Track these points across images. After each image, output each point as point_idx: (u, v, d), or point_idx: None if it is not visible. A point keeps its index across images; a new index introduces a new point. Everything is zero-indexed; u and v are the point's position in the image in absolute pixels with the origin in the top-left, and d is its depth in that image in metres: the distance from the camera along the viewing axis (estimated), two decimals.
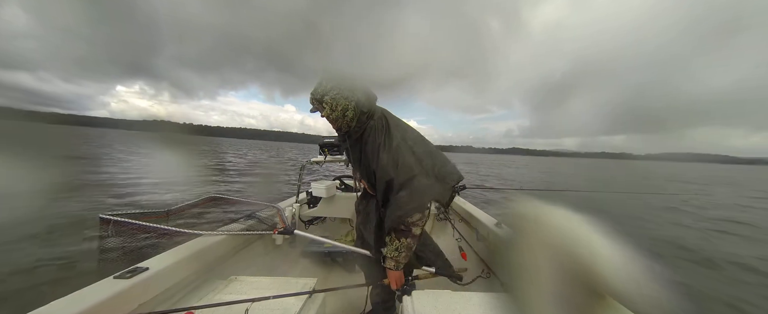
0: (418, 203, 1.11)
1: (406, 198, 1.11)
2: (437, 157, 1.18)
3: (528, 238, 0.46)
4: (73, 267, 2.97)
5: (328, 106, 1.13)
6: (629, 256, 0.38)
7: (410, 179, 1.11)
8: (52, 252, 3.27)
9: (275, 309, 1.12)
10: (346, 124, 1.16)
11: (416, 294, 1.17)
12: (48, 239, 3.64)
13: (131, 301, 1.04)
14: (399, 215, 1.12)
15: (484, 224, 1.85)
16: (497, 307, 0.47)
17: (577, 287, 0.39)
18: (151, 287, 1.12)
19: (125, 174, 8.66)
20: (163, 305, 1.17)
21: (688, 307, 1.58)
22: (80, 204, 5.07)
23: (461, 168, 1.35)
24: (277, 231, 1.72)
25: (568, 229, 0.43)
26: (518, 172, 18.09)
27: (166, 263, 1.20)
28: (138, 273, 1.09)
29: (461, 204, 2.39)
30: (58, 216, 4.31)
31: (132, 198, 5.78)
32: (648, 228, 4.29)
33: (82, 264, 2.88)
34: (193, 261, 1.32)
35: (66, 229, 3.91)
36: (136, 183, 7.40)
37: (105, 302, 0.95)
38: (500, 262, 0.48)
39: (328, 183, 2.21)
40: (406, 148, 1.13)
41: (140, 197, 5.93)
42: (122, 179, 7.67)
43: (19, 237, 3.48)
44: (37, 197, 3.98)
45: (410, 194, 1.11)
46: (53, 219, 4.15)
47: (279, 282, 1.31)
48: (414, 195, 1.11)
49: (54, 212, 4.44)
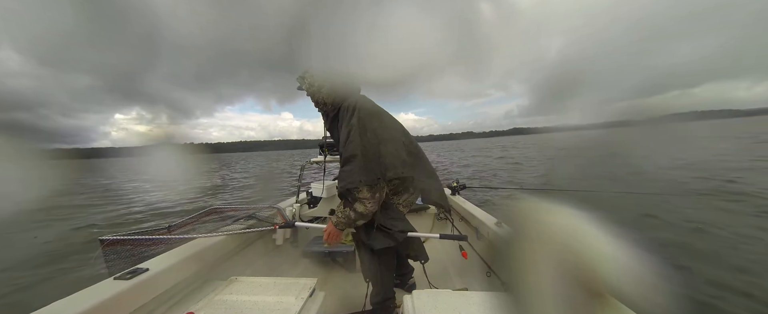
0: (351, 180, 1.23)
1: (345, 173, 1.26)
2: (389, 149, 1.29)
3: (529, 237, 0.45)
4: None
5: (307, 81, 1.36)
6: (631, 255, 0.37)
7: (352, 156, 1.23)
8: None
9: (275, 309, 1.12)
10: (322, 99, 1.36)
11: (416, 293, 1.17)
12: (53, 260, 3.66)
13: (131, 302, 1.04)
14: (341, 185, 1.29)
15: (485, 223, 1.85)
16: (498, 307, 0.47)
17: (578, 286, 0.39)
18: (152, 288, 1.12)
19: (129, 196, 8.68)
20: (163, 306, 1.17)
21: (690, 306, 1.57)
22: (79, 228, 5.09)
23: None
24: (278, 226, 1.72)
25: (569, 228, 0.42)
26: (531, 155, 17.21)
27: (166, 264, 1.20)
28: (138, 274, 1.09)
29: (461, 203, 2.39)
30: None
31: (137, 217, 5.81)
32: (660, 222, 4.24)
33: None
34: (194, 262, 1.32)
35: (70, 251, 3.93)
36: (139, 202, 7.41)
37: (105, 303, 0.95)
38: (501, 261, 0.48)
39: (328, 183, 2.21)
40: (362, 132, 1.25)
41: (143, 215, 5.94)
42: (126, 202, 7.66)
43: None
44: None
45: (350, 170, 1.24)
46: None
47: (279, 283, 1.31)
48: (352, 173, 1.23)
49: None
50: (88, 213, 6.33)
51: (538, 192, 4.03)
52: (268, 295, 1.21)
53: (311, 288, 1.26)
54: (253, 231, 1.70)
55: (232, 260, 1.68)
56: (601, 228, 0.41)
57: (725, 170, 6.55)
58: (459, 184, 2.74)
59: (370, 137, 1.25)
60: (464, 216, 2.29)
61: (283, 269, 2.09)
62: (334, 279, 2.18)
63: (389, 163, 1.26)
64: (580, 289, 0.39)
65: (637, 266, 0.36)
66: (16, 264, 3.45)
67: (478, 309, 1.06)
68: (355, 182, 1.22)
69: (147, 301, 1.09)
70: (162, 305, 1.17)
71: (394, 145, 1.31)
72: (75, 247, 4.05)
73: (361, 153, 1.22)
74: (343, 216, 1.33)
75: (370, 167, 1.21)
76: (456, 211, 2.47)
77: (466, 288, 1.70)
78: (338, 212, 1.37)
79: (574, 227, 0.42)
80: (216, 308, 1.13)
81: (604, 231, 0.40)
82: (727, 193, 5.30)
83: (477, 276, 1.92)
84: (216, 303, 1.16)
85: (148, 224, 5.42)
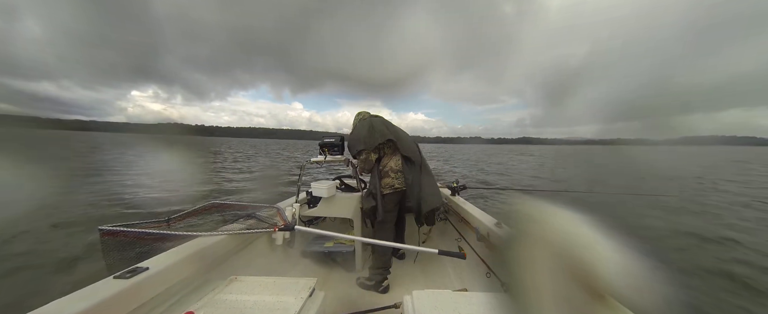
0: (354, 150, 2.15)
1: (352, 151, 2.22)
2: (369, 134, 2.08)
3: (528, 238, 0.46)
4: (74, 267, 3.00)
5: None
6: (629, 256, 0.38)
7: (353, 143, 2.16)
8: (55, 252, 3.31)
9: (275, 309, 1.12)
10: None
11: (416, 293, 1.17)
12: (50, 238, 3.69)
13: (131, 301, 1.04)
14: (351, 153, 2.26)
15: (484, 224, 1.85)
16: (497, 307, 0.47)
17: (577, 287, 0.39)
18: (151, 287, 1.12)
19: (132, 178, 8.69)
20: (163, 305, 1.17)
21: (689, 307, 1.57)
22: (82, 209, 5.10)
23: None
24: (278, 228, 1.72)
25: (569, 229, 0.43)
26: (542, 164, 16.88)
27: (166, 263, 1.20)
28: (138, 273, 1.09)
29: (461, 204, 2.39)
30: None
31: (135, 203, 5.80)
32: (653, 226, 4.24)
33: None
34: (193, 261, 1.32)
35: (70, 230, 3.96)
36: (138, 186, 7.40)
37: (105, 302, 0.95)
38: (500, 262, 0.48)
39: (328, 184, 2.21)
40: (357, 130, 2.18)
41: (142, 202, 5.94)
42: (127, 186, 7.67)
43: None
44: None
45: (354, 147, 2.16)
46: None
47: (279, 282, 1.31)
48: (352, 149, 2.20)
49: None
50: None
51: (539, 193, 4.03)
52: (268, 295, 1.22)
53: (311, 288, 1.26)
54: (254, 231, 1.70)
55: (232, 259, 1.68)
56: (599, 229, 0.41)
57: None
58: (459, 185, 2.74)
59: (365, 128, 2.13)
60: (464, 217, 2.29)
61: (283, 268, 2.09)
62: (334, 279, 2.17)
63: (372, 141, 2.07)
64: (579, 290, 0.39)
65: (636, 267, 0.37)
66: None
67: (478, 310, 1.06)
68: (354, 149, 2.14)
69: (146, 300, 1.09)
70: (162, 304, 1.17)
71: (376, 131, 2.11)
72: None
73: (357, 137, 2.10)
74: (358, 163, 2.19)
75: (363, 140, 2.08)
76: (456, 212, 2.47)
77: (465, 288, 1.70)
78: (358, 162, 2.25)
79: (574, 228, 0.42)
80: (216, 307, 1.13)
81: (602, 232, 0.40)
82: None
83: (477, 277, 1.92)
84: (216, 303, 1.16)
85: (147, 211, 5.47)
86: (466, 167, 15.99)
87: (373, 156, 2.08)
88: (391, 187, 2.07)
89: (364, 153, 2.07)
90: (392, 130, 2.13)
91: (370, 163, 2.09)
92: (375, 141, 2.06)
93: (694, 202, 5.86)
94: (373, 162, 2.09)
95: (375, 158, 2.09)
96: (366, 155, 2.07)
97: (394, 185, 2.07)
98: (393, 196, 2.08)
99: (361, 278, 2.10)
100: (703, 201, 6.14)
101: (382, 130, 2.09)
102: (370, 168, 2.11)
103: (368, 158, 2.08)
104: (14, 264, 3.03)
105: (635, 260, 0.37)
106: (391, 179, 2.07)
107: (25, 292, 2.60)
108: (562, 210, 0.45)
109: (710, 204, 5.89)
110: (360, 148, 2.07)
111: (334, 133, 2.54)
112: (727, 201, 6.35)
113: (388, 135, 2.08)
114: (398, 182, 2.07)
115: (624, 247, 0.38)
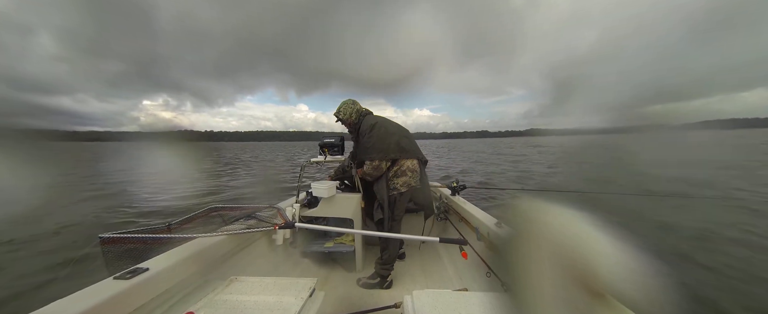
0: (367, 156, 2.12)
1: (363, 156, 2.16)
2: (384, 143, 2.11)
3: (529, 238, 0.46)
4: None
5: (342, 112, 2.23)
6: (630, 255, 0.38)
7: (367, 148, 2.12)
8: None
9: (275, 309, 1.12)
10: (351, 122, 2.23)
11: (416, 293, 1.17)
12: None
13: (131, 302, 1.04)
14: (360, 159, 2.20)
15: (485, 224, 1.85)
16: (498, 307, 0.47)
17: (578, 286, 0.39)
18: (151, 288, 1.12)
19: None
20: (163, 306, 1.17)
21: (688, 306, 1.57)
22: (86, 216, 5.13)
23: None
24: (278, 226, 1.72)
25: (569, 229, 0.43)
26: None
27: (166, 264, 1.20)
28: (138, 274, 1.09)
29: (461, 203, 2.38)
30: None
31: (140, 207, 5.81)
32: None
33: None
34: (193, 261, 1.32)
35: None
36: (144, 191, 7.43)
37: (105, 303, 0.95)
38: (500, 262, 0.48)
39: (328, 184, 2.21)
40: (370, 136, 2.13)
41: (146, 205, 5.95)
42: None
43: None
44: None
45: (367, 151, 2.12)
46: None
47: (279, 283, 1.31)
48: (369, 151, 2.12)
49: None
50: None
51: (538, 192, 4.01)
52: (268, 295, 1.21)
53: (311, 288, 1.26)
54: (254, 231, 1.70)
55: (232, 260, 1.68)
56: (599, 228, 0.41)
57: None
58: (459, 184, 2.74)
59: (375, 140, 2.12)
60: (464, 217, 2.29)
61: (283, 269, 2.09)
62: (334, 279, 2.17)
63: (383, 149, 2.10)
64: (579, 290, 0.39)
65: (636, 266, 0.37)
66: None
67: (478, 310, 1.06)
68: (367, 157, 2.11)
69: (147, 301, 1.09)
70: (162, 305, 1.17)
71: (392, 140, 2.14)
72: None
73: (373, 145, 2.09)
74: (367, 169, 2.14)
75: (372, 153, 2.09)
76: (456, 212, 2.47)
77: (466, 288, 1.70)
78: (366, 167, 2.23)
79: (574, 228, 0.42)
80: (216, 308, 1.13)
81: (603, 232, 0.40)
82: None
83: (477, 277, 1.92)
84: (216, 303, 1.16)
85: (148, 220, 5.47)
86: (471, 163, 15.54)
87: (385, 164, 2.09)
88: (407, 185, 2.12)
89: (377, 160, 2.08)
90: (405, 143, 2.18)
91: (381, 171, 2.10)
92: (390, 154, 2.09)
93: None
94: (384, 170, 2.10)
95: (387, 166, 2.10)
96: (379, 162, 2.08)
97: (410, 183, 2.13)
98: (407, 194, 2.15)
99: (363, 278, 2.10)
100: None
101: (399, 143, 2.13)
102: (380, 174, 2.12)
103: (381, 166, 2.08)
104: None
105: (636, 259, 0.37)
106: (408, 178, 2.13)
107: (25, 292, 2.60)
108: (562, 209, 0.45)
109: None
110: (373, 155, 2.07)
111: (334, 133, 2.52)
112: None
113: (406, 148, 2.15)
114: (414, 180, 2.15)
115: (624, 245, 0.38)
